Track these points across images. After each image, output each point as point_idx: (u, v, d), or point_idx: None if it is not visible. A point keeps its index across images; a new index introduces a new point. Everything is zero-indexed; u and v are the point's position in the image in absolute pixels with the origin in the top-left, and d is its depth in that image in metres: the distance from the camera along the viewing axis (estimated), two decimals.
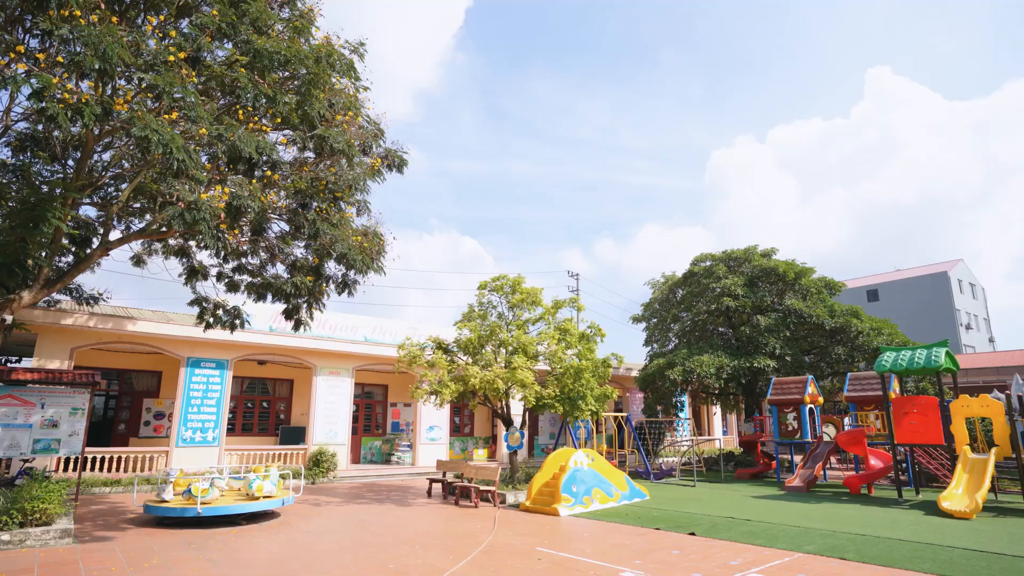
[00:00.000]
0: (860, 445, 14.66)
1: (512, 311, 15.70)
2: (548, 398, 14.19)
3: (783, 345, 20.11)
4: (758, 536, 9.31)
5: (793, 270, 21.68)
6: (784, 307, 21.06)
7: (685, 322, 23.67)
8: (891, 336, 19.65)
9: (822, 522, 10.47)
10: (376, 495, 14.76)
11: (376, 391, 23.89)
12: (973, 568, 7.26)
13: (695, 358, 19.68)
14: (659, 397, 22.22)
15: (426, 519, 11.36)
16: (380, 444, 22.69)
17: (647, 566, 7.53)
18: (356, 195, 11.32)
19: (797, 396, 16.76)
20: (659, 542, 9.09)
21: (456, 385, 14.11)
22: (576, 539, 9.50)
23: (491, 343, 15.16)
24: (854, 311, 20.48)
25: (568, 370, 14.37)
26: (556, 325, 15.43)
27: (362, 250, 10.99)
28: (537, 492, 12.81)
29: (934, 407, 13.52)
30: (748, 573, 7.15)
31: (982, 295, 56.10)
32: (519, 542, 9.13)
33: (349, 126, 10.69)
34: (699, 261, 24.27)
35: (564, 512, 11.79)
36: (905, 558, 7.78)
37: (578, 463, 13.10)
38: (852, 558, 7.84)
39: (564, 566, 7.60)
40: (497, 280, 15.85)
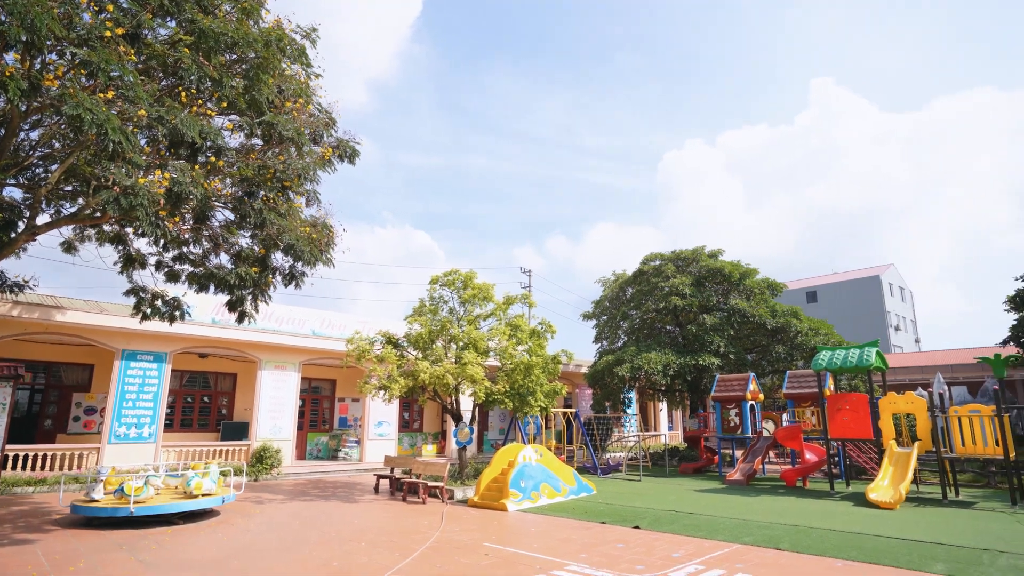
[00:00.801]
0: (797, 440, 15.28)
1: (463, 306, 15.65)
2: (498, 394, 14.21)
3: (727, 343, 20.74)
4: (699, 528, 9.58)
5: (738, 271, 22.38)
6: (729, 307, 21.73)
7: (634, 320, 24.13)
8: (827, 336, 20.55)
9: (760, 514, 10.86)
10: (322, 492, 14.47)
11: (324, 386, 23.41)
12: (895, 555, 7.68)
13: (643, 355, 20.09)
14: (608, 393, 22.58)
15: (373, 516, 11.21)
16: (327, 440, 22.26)
17: (592, 559, 7.65)
18: (305, 185, 11.01)
19: (739, 393, 17.33)
20: (604, 536, 9.24)
21: (405, 380, 13.97)
22: (523, 534, 9.56)
23: (442, 338, 15.07)
24: (794, 311, 21.32)
25: (518, 366, 14.43)
26: (507, 321, 15.47)
27: (310, 241, 10.72)
28: (485, 488, 12.83)
29: (865, 404, 14.23)
30: (689, 565, 7.35)
31: (910, 298, 59.36)
32: (466, 538, 9.12)
33: (299, 114, 10.39)
34: (649, 260, 24.76)
35: (512, 507, 11.85)
36: (835, 547, 8.15)
37: (527, 459, 13.18)
38: (787, 548, 8.16)
39: (510, 561, 7.64)
40: (449, 275, 15.76)
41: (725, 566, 7.25)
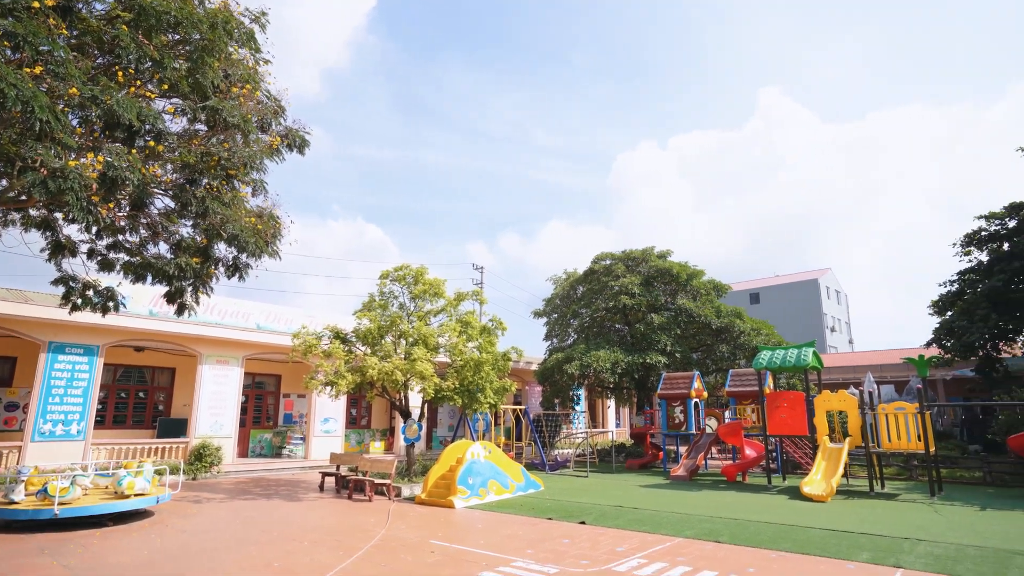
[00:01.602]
0: (737, 436, 15.80)
1: (414, 302, 15.49)
2: (447, 390, 14.15)
3: (674, 342, 21.25)
4: (643, 523, 9.79)
5: (686, 272, 22.96)
6: (676, 306, 22.26)
7: (584, 318, 24.42)
8: (768, 336, 21.32)
9: (702, 508, 11.17)
10: (264, 490, 14.08)
11: (268, 381, 22.76)
12: (825, 545, 8.04)
13: (592, 353, 20.36)
14: (557, 390, 22.79)
15: (317, 514, 10.98)
16: (271, 437, 21.67)
17: (538, 555, 7.70)
18: (252, 174, 10.64)
19: (684, 391, 17.78)
20: (551, 531, 9.32)
21: (353, 376, 13.73)
22: (470, 530, 9.55)
23: (391, 334, 14.88)
24: (738, 312, 22.02)
25: (468, 363, 14.39)
26: (458, 317, 15.41)
27: (256, 232, 10.38)
28: (433, 485, 12.75)
29: (801, 401, 14.84)
30: (632, 558, 7.50)
31: (845, 301, 62.26)
32: (413, 535, 9.05)
33: (246, 100, 10.04)
34: (600, 260, 25.10)
35: (460, 504, 11.82)
36: (771, 539, 8.48)
37: (475, 455, 13.17)
38: (726, 541, 8.43)
39: (456, 558, 7.61)
40: (400, 270, 15.57)
41: (667, 559, 7.43)
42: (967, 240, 21.12)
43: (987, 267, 20.08)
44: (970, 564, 7.07)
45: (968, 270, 20.93)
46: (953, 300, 20.60)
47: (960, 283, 20.89)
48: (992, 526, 9.29)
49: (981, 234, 20.84)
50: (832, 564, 7.16)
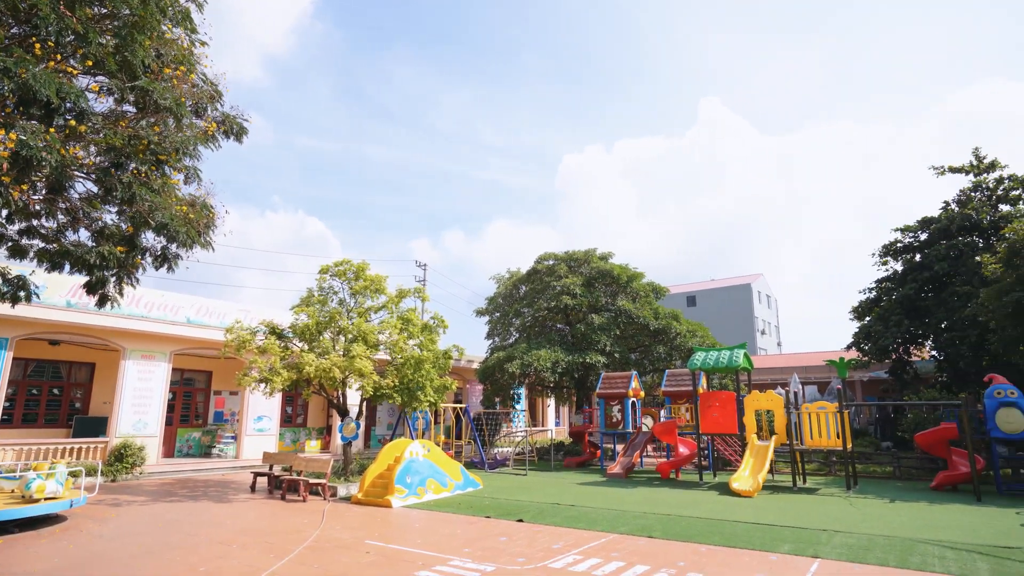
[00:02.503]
0: (672, 435, 16.27)
1: (354, 298, 15.19)
2: (387, 388, 13.95)
3: (613, 343, 21.68)
4: (580, 520, 9.94)
5: (626, 274, 23.46)
6: (616, 307, 22.71)
7: (526, 317, 24.58)
8: (703, 338, 22.07)
9: (636, 505, 11.45)
10: (190, 492, 13.48)
11: (198, 378, 21.80)
12: (750, 538, 8.40)
13: (533, 352, 20.52)
14: (498, 389, 22.86)
15: (247, 516, 10.60)
16: (200, 436, 20.78)
17: (475, 553, 7.70)
18: (184, 160, 10.15)
19: (622, 390, 18.17)
20: (488, 530, 9.34)
21: (289, 373, 13.34)
22: (407, 530, 9.45)
23: (330, 330, 14.55)
24: (675, 314, 22.69)
25: (409, 360, 14.23)
26: (399, 314, 15.21)
27: (187, 222, 9.92)
28: (370, 484, 12.54)
29: (732, 401, 15.44)
30: (568, 555, 7.60)
31: (775, 305, 65.19)
32: (348, 536, 8.87)
33: (180, 82, 9.57)
34: (543, 260, 25.32)
35: (397, 503, 11.67)
36: (700, 533, 8.78)
37: (414, 454, 13.04)
38: (658, 536, 8.67)
39: (392, 558, 7.52)
40: (340, 265, 15.23)
41: (601, 555, 7.58)
42: (884, 251, 22.52)
43: (901, 276, 21.47)
44: (879, 552, 7.54)
45: (885, 279, 22.32)
46: (871, 306, 21.91)
47: (877, 291, 22.25)
48: (899, 517, 9.94)
49: (897, 245, 22.26)
50: (756, 556, 7.49)
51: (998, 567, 6.87)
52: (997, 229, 18.87)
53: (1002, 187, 20.49)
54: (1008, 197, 20.39)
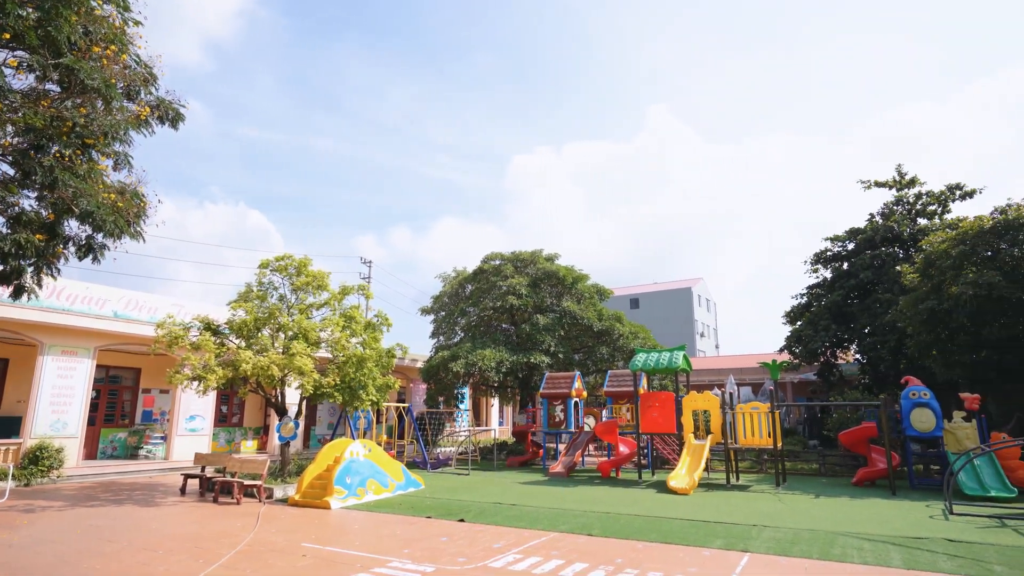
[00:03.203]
0: (613, 434, 16.59)
1: (295, 294, 14.77)
2: (328, 387, 13.62)
3: (557, 343, 21.92)
4: (521, 519, 9.99)
5: (572, 275, 23.75)
6: (561, 308, 22.97)
7: (471, 317, 24.54)
8: (645, 340, 22.60)
9: (576, 503, 11.61)
10: (114, 495, 12.79)
11: (125, 375, 20.69)
12: (685, 534, 8.65)
13: (478, 352, 20.51)
14: (441, 388, 22.72)
15: (176, 520, 10.14)
16: (126, 436, 19.75)
17: (415, 554, 7.63)
18: (114, 145, 9.65)
19: (565, 390, 18.39)
20: (429, 530, 9.27)
21: (224, 371, 12.85)
22: (346, 532, 9.26)
23: (269, 327, 14.10)
24: (618, 316, 23.13)
25: (351, 359, 13.96)
26: (342, 312, 14.89)
27: (116, 210, 9.42)
28: (308, 485, 12.23)
29: (671, 401, 15.86)
30: (508, 554, 7.63)
31: (714, 309, 67.44)
32: (283, 539, 8.62)
33: (111, 63, 9.09)
34: (490, 260, 25.34)
35: (336, 505, 11.43)
36: (638, 530, 8.98)
37: (354, 454, 12.80)
38: (597, 534, 8.81)
39: (329, 560, 7.35)
40: (281, 260, 14.78)
41: (542, 553, 7.64)
42: (815, 259, 23.65)
43: (830, 283, 22.61)
44: (804, 545, 7.91)
45: (815, 285, 23.44)
46: (802, 312, 22.97)
47: (808, 297, 23.34)
48: (823, 511, 10.46)
49: (827, 254, 23.42)
50: (690, 551, 7.72)
51: (909, 556, 7.33)
52: (915, 241, 20.13)
53: (920, 202, 21.89)
54: (925, 212, 21.80)
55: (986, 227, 14.80)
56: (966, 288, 14.03)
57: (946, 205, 21.50)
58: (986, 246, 14.71)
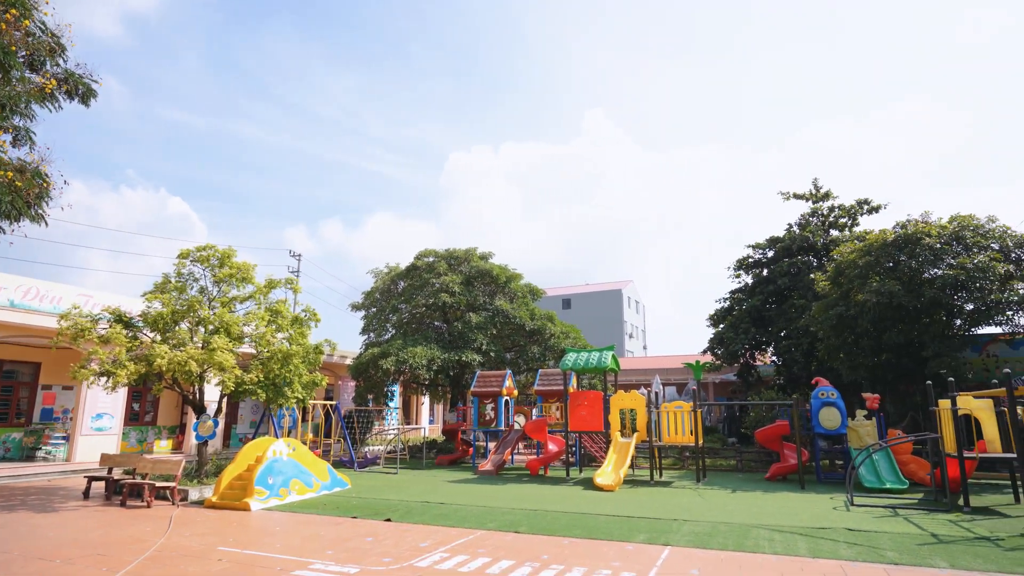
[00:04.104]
0: (542, 432, 16.78)
1: (218, 286, 14.10)
2: (250, 384, 13.07)
3: (489, 342, 21.96)
4: (448, 518, 9.94)
5: (505, 274, 23.86)
6: (494, 307, 23.03)
7: (403, 314, 24.22)
8: (576, 340, 23.00)
9: (505, 501, 11.66)
10: (5, 501, 11.80)
11: (22, 370, 19.13)
12: (610, 529, 8.87)
13: (409, 349, 20.26)
14: (371, 386, 22.31)
15: (77, 526, 9.46)
16: (21, 437, 18.27)
17: (339, 556, 7.44)
18: (13, 119, 8.89)
19: (496, 389, 18.45)
20: (354, 530, 9.07)
21: (136, 366, 12.10)
22: (266, 534, 8.92)
23: (188, 320, 13.39)
24: (550, 316, 23.42)
25: (276, 354, 13.46)
26: (268, 306, 14.34)
27: (13, 190, 8.68)
28: (227, 486, 11.70)
29: (599, 400, 16.21)
30: (435, 553, 7.57)
31: (643, 310, 69.48)
32: (197, 543, 8.20)
33: (11, 28, 8.36)
34: (423, 256, 25.10)
35: (257, 506, 10.99)
36: (564, 527, 9.12)
37: (277, 453, 12.35)
38: (524, 531, 8.89)
39: (248, 564, 7.06)
40: (203, 250, 14.06)
41: (468, 551, 7.63)
42: (738, 265, 24.78)
43: (751, 288, 23.76)
44: (720, 538, 8.27)
45: (737, 290, 24.56)
46: (725, 315, 24.02)
47: (731, 301, 24.44)
48: (739, 505, 10.98)
49: (748, 260, 24.59)
50: (615, 546, 7.91)
51: (814, 545, 7.80)
52: (828, 251, 21.45)
53: (833, 215, 23.36)
54: (837, 223, 23.29)
55: (889, 240, 15.97)
56: (870, 296, 15.09)
57: (855, 218, 23.05)
58: (888, 258, 15.86)
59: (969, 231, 15.41)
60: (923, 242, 15.28)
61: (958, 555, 7.28)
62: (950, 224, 15.81)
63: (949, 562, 6.97)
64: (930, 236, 15.34)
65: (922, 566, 6.84)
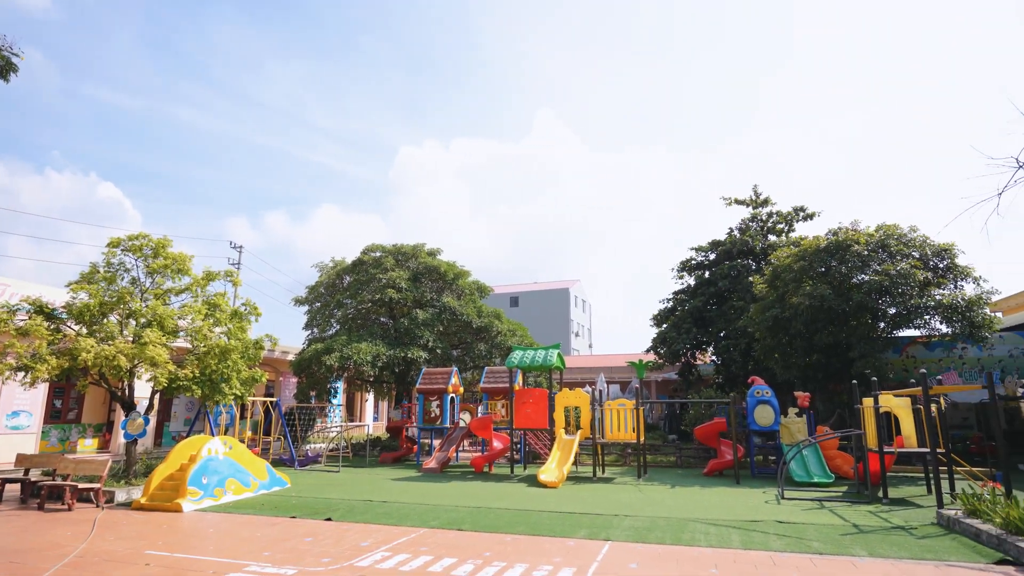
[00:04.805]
0: (487, 430, 16.80)
1: (151, 277, 13.46)
2: (185, 380, 12.55)
3: (436, 339, 21.82)
4: (391, 516, 9.83)
5: (453, 271, 23.75)
6: (441, 304, 22.90)
7: (348, 309, 23.78)
8: (522, 338, 23.12)
9: (448, 499, 11.62)
10: None
11: None
12: (552, 526, 8.97)
13: (354, 345, 19.91)
14: (314, 382, 21.82)
15: None
16: None
17: (276, 557, 7.25)
18: None
19: (442, 386, 18.36)
20: (293, 530, 8.85)
21: (59, 360, 11.44)
22: (199, 536, 8.59)
23: (117, 312, 12.74)
24: (497, 314, 23.47)
25: (213, 349, 12.96)
26: (205, 299, 13.79)
27: None
28: (158, 486, 11.20)
29: (544, 398, 16.37)
30: (376, 552, 7.48)
31: (589, 309, 70.53)
32: (123, 547, 7.82)
33: None
34: (370, 251, 24.71)
35: (190, 507, 10.57)
36: (507, 524, 9.17)
37: (212, 452, 11.91)
38: (467, 528, 8.88)
39: (177, 568, 6.78)
40: (136, 239, 13.39)
41: (411, 550, 7.57)
42: (681, 267, 25.49)
43: (693, 290, 24.48)
44: (659, 532, 8.50)
45: (680, 291, 25.27)
46: (668, 315, 24.67)
47: (674, 301, 25.12)
48: (677, 500, 11.31)
49: (691, 262, 25.33)
50: (556, 542, 8.01)
51: (746, 537, 8.13)
52: (766, 255, 22.34)
53: (772, 220, 24.33)
54: (775, 229, 24.27)
55: (821, 246, 16.76)
56: (803, 299, 15.80)
57: (792, 224, 24.09)
58: (821, 263, 16.65)
59: (893, 240, 16.34)
60: (852, 249, 16.10)
61: (876, 544, 7.74)
62: (877, 233, 16.72)
63: (868, 551, 7.40)
64: (858, 244, 16.18)
65: (844, 555, 7.24)
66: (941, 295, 15.51)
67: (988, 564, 6.81)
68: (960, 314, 15.07)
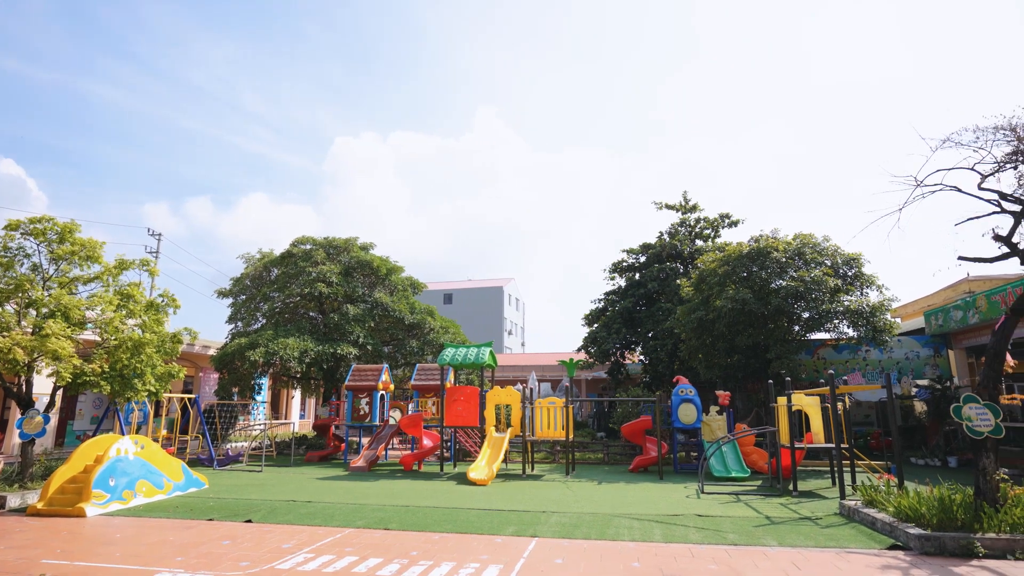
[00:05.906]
0: (417, 427, 16.63)
1: (56, 264, 12.51)
2: (92, 375, 11.74)
3: (367, 335, 21.40)
4: (315, 516, 9.57)
5: (386, 266, 23.36)
6: (373, 299, 22.48)
7: (276, 303, 22.95)
8: (455, 335, 23.03)
9: (376, 498, 11.43)
10: None
11: None
12: (481, 523, 8.98)
13: (280, 340, 19.24)
14: (236, 379, 20.92)
15: None
16: None
17: (190, 562, 6.90)
18: None
19: (372, 383, 18.02)
20: (209, 534, 8.45)
21: None
22: (104, 542, 8.06)
23: (15, 301, 11.76)
24: (430, 310, 23.27)
25: (125, 343, 12.19)
26: (118, 289, 12.94)
27: None
28: (57, 490, 10.42)
29: (475, 396, 16.37)
30: (299, 554, 7.25)
31: (523, 308, 71.10)
32: (15, 556, 7.23)
33: None
34: (300, 243, 23.95)
35: (94, 511, 9.90)
36: (436, 522, 9.11)
37: (122, 452, 11.21)
38: (395, 528, 8.76)
39: None
40: (38, 222, 12.39)
41: (335, 551, 7.38)
42: (613, 268, 26.12)
43: (624, 291, 25.14)
44: (585, 528, 8.68)
45: (612, 292, 25.89)
46: (599, 315, 25.23)
47: (605, 302, 25.72)
48: (604, 496, 11.58)
49: (623, 264, 26.00)
50: (484, 540, 8.03)
51: (667, 531, 8.43)
52: (693, 259, 23.24)
53: (699, 226, 25.33)
54: (702, 234, 25.28)
55: (744, 252, 17.59)
56: (726, 302, 16.54)
57: (718, 230, 25.16)
58: (743, 268, 17.48)
59: (808, 248, 17.37)
60: (772, 256, 16.99)
61: (785, 534, 8.21)
62: (794, 241, 17.72)
63: (778, 541, 7.84)
64: (777, 251, 17.10)
65: (756, 545, 7.63)
66: (849, 301, 16.62)
67: (882, 549, 7.36)
68: (865, 319, 16.21)
